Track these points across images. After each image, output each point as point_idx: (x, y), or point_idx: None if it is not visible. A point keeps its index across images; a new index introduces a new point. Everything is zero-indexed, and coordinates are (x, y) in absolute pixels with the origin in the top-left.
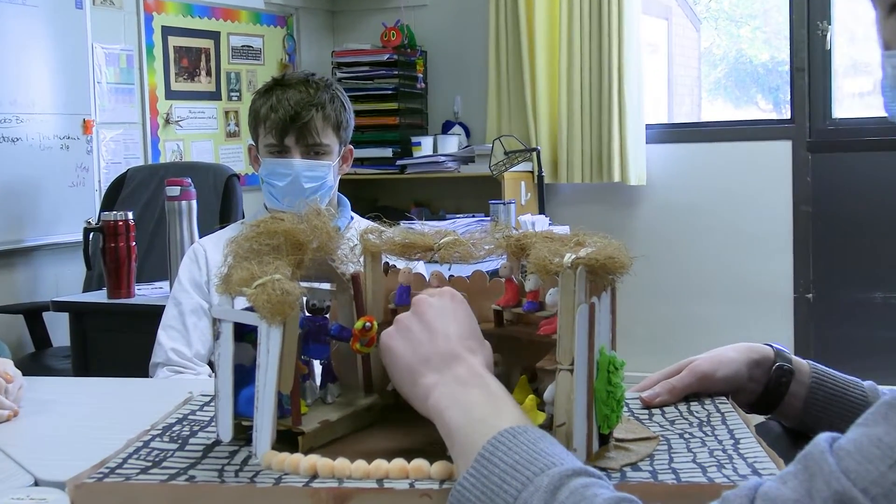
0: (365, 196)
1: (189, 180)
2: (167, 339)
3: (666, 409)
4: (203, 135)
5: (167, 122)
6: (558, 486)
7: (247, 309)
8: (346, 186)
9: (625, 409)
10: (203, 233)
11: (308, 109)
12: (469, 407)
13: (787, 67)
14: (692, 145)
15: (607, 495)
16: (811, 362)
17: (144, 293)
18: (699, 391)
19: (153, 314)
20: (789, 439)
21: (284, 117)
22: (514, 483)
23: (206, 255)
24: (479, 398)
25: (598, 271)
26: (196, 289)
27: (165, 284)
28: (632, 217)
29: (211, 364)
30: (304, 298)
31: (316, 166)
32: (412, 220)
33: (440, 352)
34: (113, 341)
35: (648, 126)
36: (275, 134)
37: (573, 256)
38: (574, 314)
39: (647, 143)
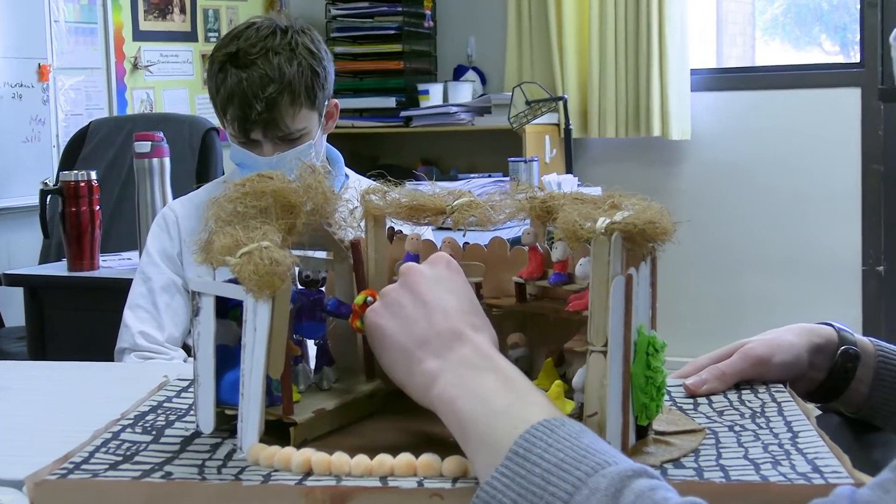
0: (363, 153)
1: (161, 134)
2: (135, 320)
3: (714, 397)
4: (177, 82)
5: (135, 67)
6: (620, 488)
7: (230, 281)
8: (341, 142)
9: (666, 397)
10: (178, 195)
11: (272, 100)
12: (485, 396)
13: (857, 2)
14: (744, 94)
15: (677, 500)
16: (874, 340)
17: (110, 265)
18: (752, 378)
19: (120, 290)
20: (851, 431)
21: (244, 112)
22: (562, 485)
23: (177, 221)
24: (495, 385)
25: (636, 238)
26: (167, 261)
27: (134, 255)
28: (674, 177)
29: (186, 347)
30: (297, 269)
31: (291, 156)
32: (420, 179)
33: (439, 331)
34: (74, 321)
35: (693, 71)
36: (237, 129)
37: (607, 221)
38: (608, 287)
39: (691, 91)
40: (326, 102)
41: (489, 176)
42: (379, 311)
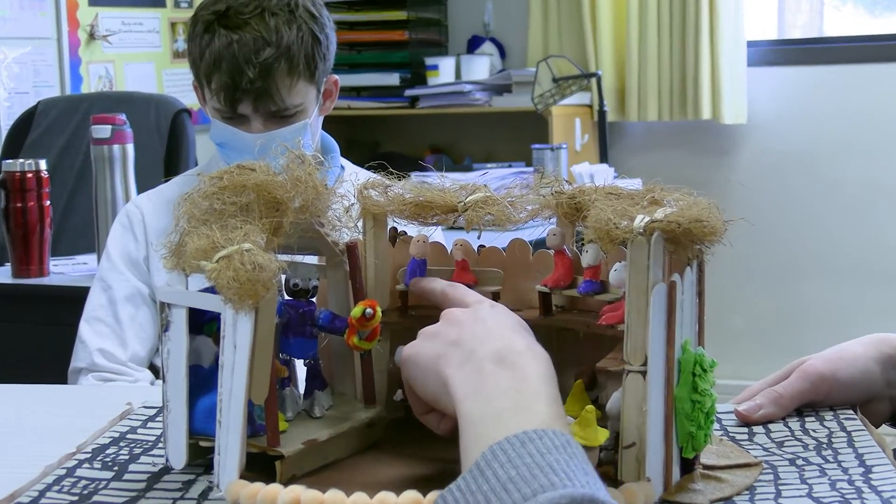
0: (362, 139)
1: (123, 117)
2: (93, 335)
3: (772, 426)
4: (141, 55)
5: (91, 37)
6: None
7: (206, 290)
8: (335, 126)
9: (716, 425)
10: (144, 188)
11: (267, 66)
12: (491, 396)
13: None
14: (810, 70)
15: None
16: None
17: (62, 271)
18: (815, 401)
19: (75, 300)
20: None
21: (233, 80)
22: None
23: (143, 219)
24: (507, 384)
25: (680, 239)
26: (131, 267)
27: (92, 259)
28: (727, 167)
29: (153, 368)
30: (284, 276)
31: (284, 135)
32: (428, 170)
33: (476, 334)
34: (19, 336)
35: (751, 44)
36: (223, 99)
37: (647, 219)
38: (647, 297)
39: (748, 66)
40: (326, 78)
41: (509, 166)
42: (413, 343)
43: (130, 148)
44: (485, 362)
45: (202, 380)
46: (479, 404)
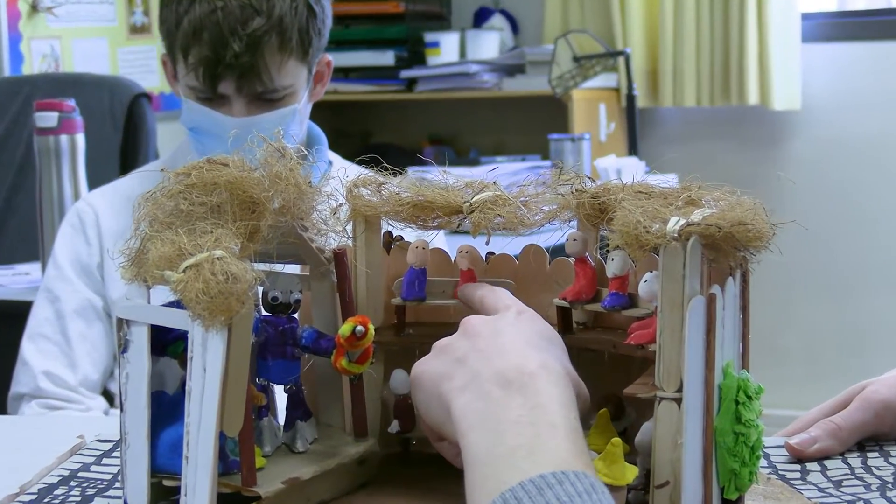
0: (351, 128)
1: (72, 102)
2: (37, 356)
3: (828, 462)
4: (92, 30)
5: (34, 8)
6: None
7: (171, 304)
8: (321, 113)
9: (763, 461)
10: (96, 185)
11: (255, 39)
12: (499, 428)
13: None
14: (876, 46)
15: None
16: None
17: (1, 282)
18: (879, 433)
19: (16, 315)
20: None
21: (215, 53)
22: None
23: (96, 219)
24: (517, 413)
25: (721, 245)
26: (82, 275)
27: (35, 269)
28: (776, 161)
29: (109, 394)
30: (261, 288)
31: (270, 120)
32: (427, 165)
33: (485, 351)
34: None
35: (805, 16)
36: (202, 76)
37: (682, 222)
38: (683, 312)
39: (802, 42)
40: (319, 58)
41: (522, 160)
42: (424, 360)
43: (80, 138)
44: (490, 386)
45: (166, 409)
46: (487, 438)
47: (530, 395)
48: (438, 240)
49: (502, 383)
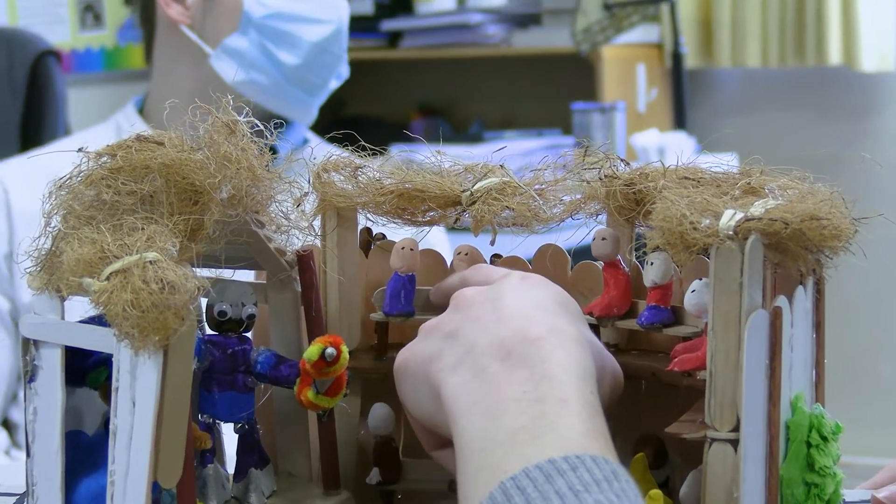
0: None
1: None
2: None
3: None
4: None
5: None
6: None
7: (91, 320)
8: None
9: None
10: None
11: None
12: (499, 405)
13: None
14: None
15: None
16: None
17: None
18: None
19: None
20: None
21: None
22: None
23: (6, 199)
24: (520, 389)
25: (788, 246)
26: None
27: None
28: (863, 137)
29: (11, 425)
30: (206, 301)
31: None
32: (416, 143)
33: (480, 320)
34: None
35: None
36: None
37: (739, 216)
38: (740, 331)
39: None
40: None
41: (538, 136)
42: (409, 345)
43: None
44: (487, 359)
45: (85, 452)
46: (483, 422)
47: (536, 366)
48: (437, 238)
49: (502, 355)
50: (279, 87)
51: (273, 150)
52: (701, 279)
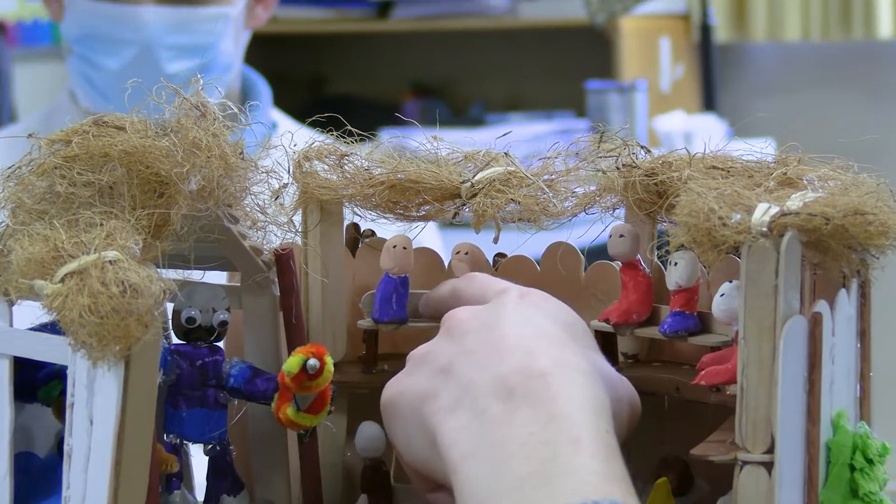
0: (299, 73)
1: None
2: None
3: None
4: None
5: None
6: None
7: (43, 328)
8: (259, 52)
9: None
10: None
11: None
12: (503, 450)
13: None
14: None
15: None
16: None
17: None
18: None
19: None
20: None
21: None
22: None
23: None
24: (525, 431)
25: (829, 244)
26: None
27: None
28: None
29: None
30: (173, 305)
31: (193, 21)
32: (409, 127)
33: (477, 353)
34: None
35: None
36: None
37: (775, 210)
38: (775, 340)
39: None
40: None
41: (547, 118)
42: (397, 377)
43: None
44: (487, 399)
45: (37, 477)
46: (486, 469)
47: (542, 405)
48: (430, 235)
49: (503, 393)
50: None
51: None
52: (731, 282)
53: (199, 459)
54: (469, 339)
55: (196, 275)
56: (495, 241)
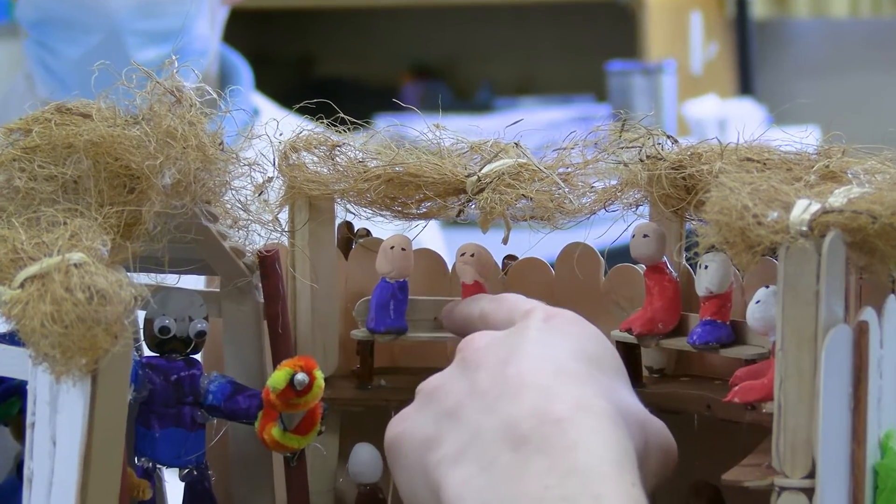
0: (285, 52)
1: None
2: None
3: None
4: None
5: None
6: None
7: (0, 338)
8: (240, 30)
9: None
10: None
11: None
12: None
13: None
14: None
15: None
16: None
17: None
18: None
19: None
20: None
21: None
22: None
23: None
24: (544, 481)
25: (877, 245)
26: None
27: None
28: None
29: None
30: (144, 314)
31: (163, 3)
32: (408, 114)
33: (487, 393)
34: None
35: None
36: None
37: (815, 208)
38: (816, 352)
39: None
40: None
41: (563, 103)
42: (403, 413)
43: None
44: (496, 448)
45: None
46: None
47: (560, 455)
48: (432, 236)
49: (514, 441)
50: None
51: None
52: (767, 287)
53: (174, 485)
54: (481, 376)
55: (171, 279)
56: (504, 241)
